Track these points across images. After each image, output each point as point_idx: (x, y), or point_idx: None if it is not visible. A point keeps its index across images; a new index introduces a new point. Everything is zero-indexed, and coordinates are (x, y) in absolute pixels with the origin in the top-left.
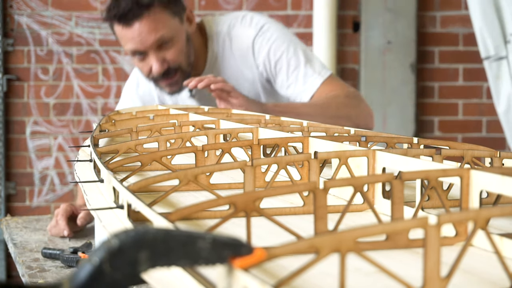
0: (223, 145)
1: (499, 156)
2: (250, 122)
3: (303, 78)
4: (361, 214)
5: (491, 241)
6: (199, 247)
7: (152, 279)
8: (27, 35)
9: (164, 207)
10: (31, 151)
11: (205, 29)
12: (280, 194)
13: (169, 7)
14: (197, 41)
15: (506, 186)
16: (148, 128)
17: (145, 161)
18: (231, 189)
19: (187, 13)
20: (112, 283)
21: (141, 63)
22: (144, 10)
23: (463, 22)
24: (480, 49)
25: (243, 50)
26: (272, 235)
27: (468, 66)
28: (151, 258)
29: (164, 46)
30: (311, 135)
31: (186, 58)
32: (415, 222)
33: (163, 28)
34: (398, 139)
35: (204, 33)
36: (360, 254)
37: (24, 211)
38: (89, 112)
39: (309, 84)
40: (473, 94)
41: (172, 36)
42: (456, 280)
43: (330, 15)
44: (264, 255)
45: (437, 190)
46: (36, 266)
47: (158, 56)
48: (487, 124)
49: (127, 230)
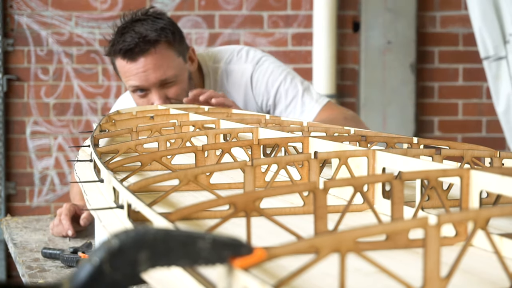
0: (223, 145)
1: (499, 156)
2: (250, 122)
3: (301, 107)
4: (361, 214)
5: (491, 241)
6: (199, 247)
7: (152, 279)
8: (27, 35)
9: (164, 207)
10: (31, 151)
11: (201, 65)
12: (280, 194)
13: (174, 46)
14: (196, 78)
15: (506, 186)
16: (148, 128)
17: (145, 161)
18: (231, 189)
19: (190, 53)
20: (112, 283)
21: (142, 99)
22: (150, 46)
23: (463, 22)
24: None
25: (241, 85)
26: (272, 235)
27: (468, 66)
28: (151, 258)
29: (167, 84)
30: (311, 135)
31: (187, 95)
32: (415, 222)
33: (168, 67)
34: (398, 139)
35: (200, 69)
36: (360, 254)
37: (24, 211)
38: (89, 112)
39: (307, 112)
40: (473, 94)
41: (176, 75)
42: (456, 280)
43: (330, 15)
44: (264, 255)
45: (437, 190)
46: (36, 266)
47: (160, 94)
48: (487, 124)
49: (127, 230)
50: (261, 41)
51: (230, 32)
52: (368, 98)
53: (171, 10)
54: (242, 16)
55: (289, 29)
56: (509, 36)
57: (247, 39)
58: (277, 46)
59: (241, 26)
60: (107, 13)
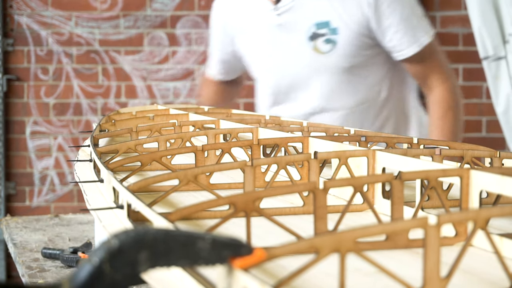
0: (223, 145)
1: (499, 156)
2: (250, 122)
3: (412, 30)
4: (361, 214)
5: (491, 241)
6: (199, 247)
7: (152, 279)
8: (27, 35)
9: (164, 207)
10: (31, 151)
11: None
12: (280, 194)
13: None
14: None
15: (506, 186)
16: (148, 128)
17: (145, 161)
18: (231, 189)
19: None
20: (112, 284)
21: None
22: None
23: (463, 22)
24: (479, 49)
25: None
26: (272, 235)
27: (468, 66)
28: (151, 259)
29: None
30: (311, 135)
31: None
32: (415, 222)
33: None
34: (398, 139)
35: None
36: (360, 254)
37: (24, 211)
38: (89, 112)
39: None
40: (473, 94)
41: None
42: (456, 280)
43: None
44: (264, 255)
45: (437, 190)
46: (36, 266)
47: None
48: (487, 124)
49: (127, 230)
50: None
51: None
52: None
53: (171, 10)
54: None
55: None
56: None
57: None
58: None
59: None
60: (107, 13)
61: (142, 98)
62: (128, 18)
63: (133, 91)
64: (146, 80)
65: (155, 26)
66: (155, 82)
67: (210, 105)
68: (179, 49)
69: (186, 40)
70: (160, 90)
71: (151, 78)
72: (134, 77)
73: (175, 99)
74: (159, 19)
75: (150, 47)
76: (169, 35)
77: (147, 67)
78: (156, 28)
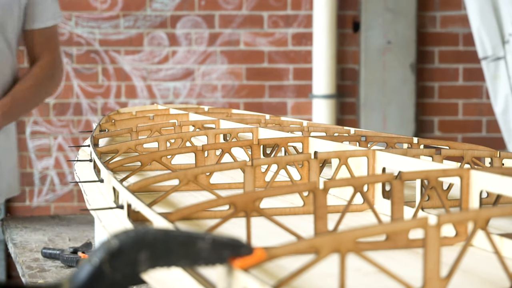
0: (223, 145)
1: (499, 156)
2: (250, 122)
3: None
4: (361, 214)
5: (491, 241)
6: (199, 247)
7: (152, 279)
8: None
9: (164, 207)
10: (31, 151)
11: None
12: (280, 194)
13: None
14: None
15: (506, 186)
16: (148, 128)
17: (145, 161)
18: (231, 189)
19: None
20: (112, 284)
21: None
22: None
23: (463, 22)
24: (478, 49)
25: None
26: (272, 235)
27: (468, 66)
28: (151, 259)
29: None
30: (311, 135)
31: None
32: (415, 222)
33: None
34: (398, 139)
35: None
36: (360, 254)
37: (24, 211)
38: (89, 112)
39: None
40: (473, 94)
41: None
42: (456, 280)
43: (330, 15)
44: (264, 255)
45: (437, 190)
46: (36, 266)
47: None
48: (487, 124)
49: (127, 230)
50: (261, 41)
51: (230, 32)
52: (368, 98)
53: (171, 10)
54: (242, 16)
55: (289, 29)
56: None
57: (247, 39)
58: (277, 46)
59: (241, 26)
60: (107, 13)
61: (142, 98)
62: (128, 18)
63: (133, 91)
64: (146, 80)
65: (155, 26)
66: (155, 82)
67: None
68: (179, 49)
69: (186, 40)
70: (160, 90)
71: (151, 78)
72: (134, 77)
73: (175, 99)
74: (159, 19)
75: (150, 47)
76: (169, 35)
77: (147, 67)
78: (156, 28)
